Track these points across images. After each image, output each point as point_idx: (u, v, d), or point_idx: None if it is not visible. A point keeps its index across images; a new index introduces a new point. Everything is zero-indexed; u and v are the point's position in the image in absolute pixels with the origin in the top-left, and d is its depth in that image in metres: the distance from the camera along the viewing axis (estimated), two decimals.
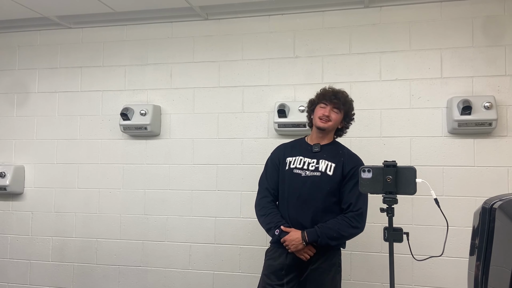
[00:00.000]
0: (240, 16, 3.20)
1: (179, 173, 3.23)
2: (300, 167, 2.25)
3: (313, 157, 2.26)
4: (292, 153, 2.32)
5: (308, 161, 2.25)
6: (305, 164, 2.25)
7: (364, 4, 2.99)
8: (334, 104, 2.24)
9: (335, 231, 2.14)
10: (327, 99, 2.25)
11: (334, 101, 2.24)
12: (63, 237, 3.39)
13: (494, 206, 1.36)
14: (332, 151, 2.27)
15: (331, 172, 2.21)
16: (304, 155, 2.28)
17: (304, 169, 2.24)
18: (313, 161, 2.24)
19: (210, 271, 3.14)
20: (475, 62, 2.85)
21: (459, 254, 2.71)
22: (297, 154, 2.29)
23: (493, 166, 2.78)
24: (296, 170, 2.25)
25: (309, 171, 2.23)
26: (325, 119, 2.24)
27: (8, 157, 3.53)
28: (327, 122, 2.24)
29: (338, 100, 2.24)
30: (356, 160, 2.26)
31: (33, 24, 3.48)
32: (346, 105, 2.28)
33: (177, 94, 3.29)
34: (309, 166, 2.24)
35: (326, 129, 2.26)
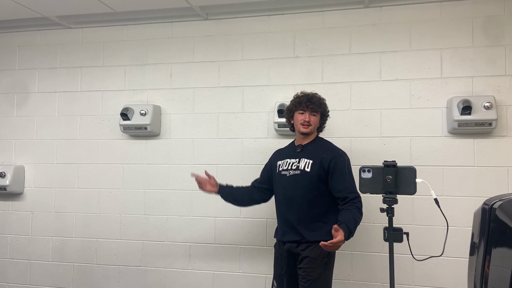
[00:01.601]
0: (240, 16, 3.20)
1: (179, 173, 3.23)
2: (286, 168, 2.43)
3: (296, 157, 2.43)
4: (281, 156, 2.52)
5: (292, 162, 2.42)
6: (289, 165, 2.42)
7: (364, 4, 2.99)
8: (311, 109, 2.41)
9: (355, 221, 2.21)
10: (303, 106, 2.42)
11: (311, 107, 2.41)
12: (63, 237, 3.39)
13: (494, 206, 1.37)
14: (312, 149, 2.43)
15: (309, 168, 2.35)
16: (290, 157, 2.46)
17: (288, 169, 2.41)
18: (296, 161, 2.41)
19: (210, 271, 3.14)
20: (475, 62, 2.85)
21: (459, 254, 2.71)
22: (285, 157, 2.49)
23: (493, 166, 2.78)
24: (283, 171, 2.44)
25: (292, 170, 2.40)
26: (306, 124, 2.41)
27: (8, 157, 3.53)
28: (308, 127, 2.42)
29: (314, 105, 2.42)
30: (334, 152, 2.39)
31: (33, 24, 3.48)
32: (321, 107, 2.47)
33: (177, 94, 3.29)
34: (292, 166, 2.41)
35: (309, 133, 2.44)
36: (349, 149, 2.94)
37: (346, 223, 2.16)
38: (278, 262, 2.45)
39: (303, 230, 2.32)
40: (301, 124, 2.41)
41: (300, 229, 2.32)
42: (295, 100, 2.48)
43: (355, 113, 2.99)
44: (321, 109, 2.46)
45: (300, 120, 2.42)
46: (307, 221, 2.33)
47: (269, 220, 3.06)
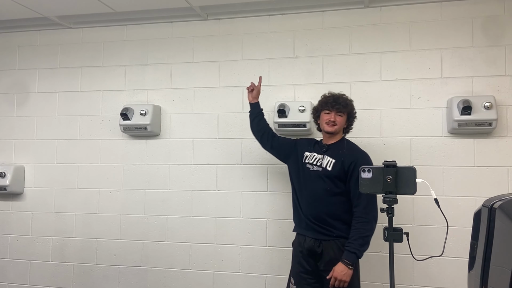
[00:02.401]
0: (240, 16, 3.20)
1: (179, 173, 3.23)
2: (311, 162, 2.47)
3: (322, 154, 2.47)
4: (310, 149, 2.55)
5: (318, 158, 2.47)
6: (315, 160, 2.47)
7: (364, 4, 2.99)
8: (337, 110, 2.45)
9: (361, 238, 2.28)
10: (329, 106, 2.46)
11: (337, 107, 2.45)
12: (63, 237, 3.39)
13: (494, 206, 1.36)
14: (336, 149, 2.46)
15: (331, 167, 2.39)
16: (317, 152, 2.50)
17: (312, 164, 2.46)
18: (320, 157, 2.46)
19: (210, 271, 3.14)
20: (475, 62, 2.85)
21: (459, 254, 2.71)
22: (313, 151, 2.53)
23: (493, 166, 2.78)
24: (308, 164, 2.48)
25: (316, 166, 2.45)
26: (331, 124, 2.45)
27: (8, 157, 3.53)
28: (333, 127, 2.45)
29: (339, 105, 2.45)
30: (356, 155, 2.42)
31: (33, 24, 3.48)
32: (347, 107, 2.49)
33: (177, 94, 3.29)
34: (316, 162, 2.46)
35: (334, 133, 2.47)
36: None
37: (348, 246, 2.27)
38: (297, 259, 2.46)
39: (323, 227, 2.36)
40: (326, 124, 2.46)
41: (320, 226, 2.36)
42: (321, 100, 2.54)
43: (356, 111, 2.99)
44: (347, 109, 2.49)
45: (326, 120, 2.47)
46: (327, 218, 2.36)
47: (269, 220, 3.06)
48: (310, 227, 2.40)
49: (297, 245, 2.48)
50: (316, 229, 2.38)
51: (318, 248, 2.36)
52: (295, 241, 2.53)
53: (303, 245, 2.42)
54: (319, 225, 2.37)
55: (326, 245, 2.35)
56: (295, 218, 2.57)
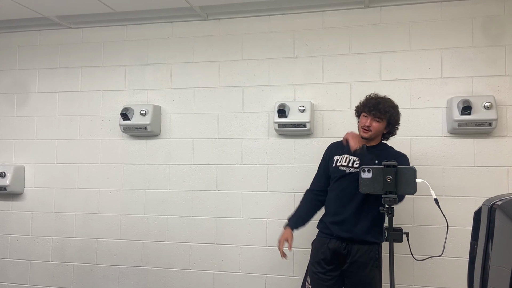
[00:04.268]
0: (240, 16, 3.20)
1: (179, 173, 3.23)
2: (346, 164, 2.40)
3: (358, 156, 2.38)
4: (339, 152, 2.46)
5: (353, 159, 2.38)
6: (350, 162, 2.39)
7: (364, 4, 2.99)
8: (373, 115, 2.34)
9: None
10: (367, 110, 2.36)
11: (373, 113, 2.33)
12: (63, 237, 3.39)
13: (494, 206, 1.36)
14: (374, 151, 2.37)
15: None
16: (350, 153, 2.39)
17: (349, 166, 2.38)
18: (357, 159, 2.36)
19: (210, 271, 3.14)
20: (475, 62, 2.85)
21: (459, 254, 2.71)
22: (344, 153, 2.43)
23: (493, 166, 2.78)
24: (342, 167, 2.40)
25: (353, 168, 2.35)
26: (366, 129, 2.37)
27: (8, 157, 3.53)
28: (367, 132, 2.36)
29: (377, 112, 2.33)
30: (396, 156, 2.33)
31: (33, 24, 3.48)
32: (387, 114, 2.35)
33: (177, 94, 3.29)
34: (353, 164, 2.37)
35: (368, 138, 2.39)
36: None
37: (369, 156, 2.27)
38: (316, 259, 2.40)
39: (354, 228, 2.30)
40: (361, 127, 2.38)
41: (351, 227, 2.30)
42: (364, 101, 2.43)
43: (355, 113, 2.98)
44: (387, 116, 2.36)
45: (362, 124, 2.39)
46: (360, 220, 2.30)
47: (269, 220, 3.06)
48: (339, 229, 2.34)
49: (319, 245, 2.41)
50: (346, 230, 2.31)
51: (344, 250, 2.31)
52: (316, 241, 2.47)
53: (327, 245, 2.36)
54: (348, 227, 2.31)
55: (353, 247, 2.30)
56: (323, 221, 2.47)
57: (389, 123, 2.40)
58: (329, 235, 2.38)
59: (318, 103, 3.04)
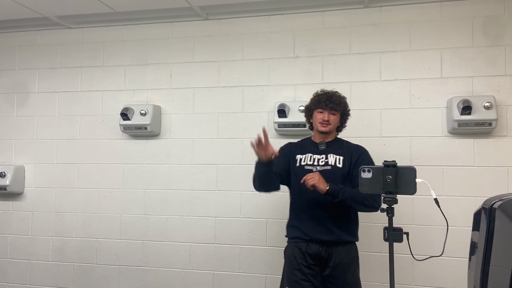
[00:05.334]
0: (240, 16, 3.20)
1: (179, 173, 3.23)
2: (311, 163, 2.36)
3: (321, 154, 2.38)
4: (301, 151, 2.43)
5: (317, 157, 2.37)
6: (315, 160, 2.36)
7: (364, 4, 2.99)
8: (330, 108, 2.37)
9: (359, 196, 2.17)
10: (322, 104, 2.37)
11: (330, 105, 2.36)
12: (63, 237, 3.39)
13: (494, 206, 1.36)
14: (337, 146, 2.41)
15: (341, 164, 2.33)
16: (312, 152, 2.39)
17: (314, 165, 2.35)
18: (321, 157, 2.36)
19: (210, 271, 3.14)
20: (475, 62, 2.85)
21: (459, 254, 2.71)
22: (306, 152, 2.41)
23: (493, 166, 2.78)
24: (308, 166, 2.36)
25: (320, 166, 2.34)
26: (325, 123, 2.36)
27: (8, 157, 3.53)
28: (327, 126, 2.37)
29: (333, 104, 2.36)
30: (360, 149, 2.41)
31: (33, 24, 3.48)
32: (341, 105, 2.41)
33: (177, 94, 3.29)
34: (319, 162, 2.35)
35: (328, 132, 2.39)
36: None
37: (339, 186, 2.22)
38: (293, 266, 2.30)
39: (335, 228, 2.25)
40: (320, 123, 2.37)
41: (332, 227, 2.25)
42: (314, 98, 2.44)
43: (355, 113, 2.97)
44: (341, 108, 2.40)
45: (319, 119, 2.38)
46: (339, 218, 2.27)
47: (269, 220, 3.06)
48: (317, 231, 2.27)
49: (295, 251, 2.31)
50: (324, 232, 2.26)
51: (324, 253, 2.26)
52: (290, 248, 2.37)
53: (306, 250, 2.28)
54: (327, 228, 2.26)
55: (334, 249, 2.25)
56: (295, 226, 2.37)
57: (343, 115, 2.44)
58: (305, 239, 2.29)
59: None
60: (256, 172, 2.36)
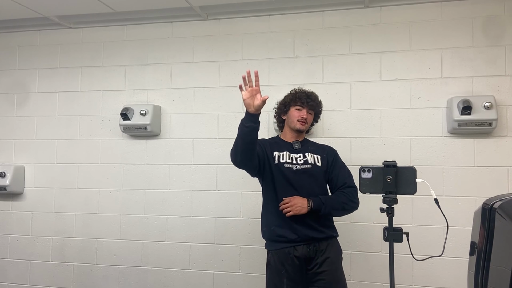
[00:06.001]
0: (240, 16, 3.20)
1: (179, 173, 3.23)
2: (290, 161, 2.30)
3: (297, 152, 2.33)
4: (278, 148, 2.35)
5: (295, 156, 2.31)
6: (293, 159, 2.30)
7: (364, 4, 2.99)
8: (309, 107, 2.34)
9: (338, 203, 2.25)
10: (304, 102, 2.32)
11: (310, 104, 2.33)
12: (63, 237, 3.39)
13: (494, 206, 1.37)
14: (312, 145, 2.40)
15: (320, 163, 2.32)
16: (289, 151, 2.34)
17: (293, 163, 2.29)
18: (299, 156, 2.31)
19: (210, 271, 3.14)
20: (475, 62, 2.85)
21: (459, 254, 2.71)
22: (283, 150, 2.34)
23: (493, 166, 2.78)
24: (287, 164, 2.29)
25: (299, 164, 2.29)
26: (303, 121, 2.33)
27: (8, 157, 3.53)
28: (304, 124, 2.34)
29: (313, 102, 2.35)
30: (333, 150, 2.44)
31: (33, 24, 3.48)
32: (319, 106, 2.41)
33: (177, 94, 3.29)
34: (297, 161, 2.30)
35: (303, 131, 2.37)
36: (349, 149, 2.95)
37: (322, 197, 2.23)
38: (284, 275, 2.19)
39: (317, 225, 2.22)
40: (298, 121, 2.33)
41: (314, 225, 2.21)
42: (293, 95, 2.38)
43: (355, 113, 2.99)
44: (318, 108, 2.41)
45: (298, 117, 2.33)
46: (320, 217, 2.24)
47: None
48: (302, 233, 2.19)
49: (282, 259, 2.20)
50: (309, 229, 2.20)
51: (312, 253, 2.21)
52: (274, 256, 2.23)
53: (293, 255, 2.19)
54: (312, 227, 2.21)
55: (320, 245, 2.22)
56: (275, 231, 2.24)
57: (316, 116, 2.42)
58: (291, 242, 2.20)
59: None
60: (239, 133, 2.09)
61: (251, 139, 2.09)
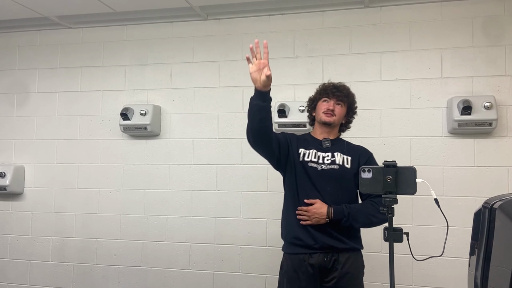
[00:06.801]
0: (240, 16, 3.20)
1: (179, 173, 3.23)
2: (315, 160, 2.11)
3: (326, 151, 2.13)
4: (305, 145, 2.16)
5: (322, 155, 2.12)
6: (320, 158, 2.11)
7: (364, 4, 2.99)
8: (337, 97, 2.14)
9: (365, 214, 2.06)
10: (329, 93, 2.14)
11: (337, 94, 2.13)
12: (63, 237, 3.39)
13: (494, 206, 1.37)
14: (344, 145, 2.19)
15: (349, 165, 2.12)
16: (316, 148, 2.14)
17: (319, 163, 2.10)
18: (327, 155, 2.12)
19: (210, 271, 3.14)
20: (475, 62, 2.85)
21: (459, 254, 2.71)
22: (310, 147, 2.15)
23: (493, 166, 2.78)
24: (311, 163, 2.10)
25: (325, 164, 2.10)
26: (330, 113, 2.13)
27: (8, 157, 3.53)
28: (332, 116, 2.13)
29: (340, 93, 2.14)
30: (368, 152, 2.22)
31: (33, 24, 3.48)
32: (349, 97, 2.18)
33: (177, 94, 3.29)
34: (324, 160, 2.11)
35: (332, 124, 2.15)
36: None
37: (347, 207, 2.04)
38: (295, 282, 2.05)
39: (339, 234, 2.04)
40: (324, 113, 2.13)
41: (335, 233, 2.03)
42: (320, 88, 2.21)
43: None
44: (348, 99, 2.17)
45: (324, 109, 2.13)
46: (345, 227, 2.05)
47: (269, 220, 3.06)
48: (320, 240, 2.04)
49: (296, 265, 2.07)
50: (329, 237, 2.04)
51: (328, 263, 2.03)
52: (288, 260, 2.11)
53: (308, 262, 2.05)
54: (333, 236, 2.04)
55: (340, 257, 2.04)
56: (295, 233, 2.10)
57: (349, 109, 2.21)
58: (307, 247, 2.05)
59: None
60: (248, 111, 1.98)
61: (260, 118, 1.95)
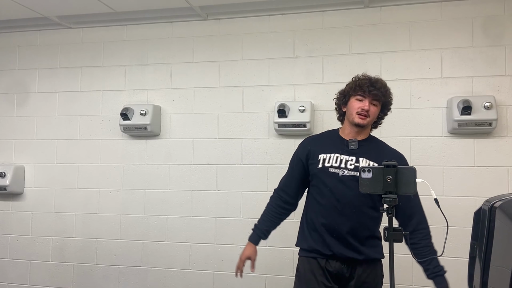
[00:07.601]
0: (240, 16, 3.20)
1: (179, 173, 3.23)
2: (337, 165, 1.96)
3: (351, 155, 1.97)
4: (325, 149, 2.01)
5: (346, 159, 1.96)
6: (342, 162, 1.96)
7: (364, 4, 2.99)
8: (373, 96, 1.94)
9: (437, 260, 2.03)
10: (365, 90, 1.93)
11: (374, 93, 1.93)
12: (63, 237, 3.39)
13: (494, 206, 1.36)
14: (372, 148, 2.02)
15: None
16: (339, 151, 1.99)
17: (341, 167, 1.95)
18: (351, 159, 1.96)
19: (210, 271, 3.14)
20: (475, 62, 2.85)
21: (459, 254, 2.71)
22: (332, 151, 1.99)
23: (493, 166, 2.78)
24: (333, 169, 1.96)
25: (348, 170, 1.95)
26: (364, 114, 1.94)
27: (8, 157, 3.53)
28: (365, 118, 1.95)
29: (377, 91, 1.94)
30: (401, 158, 2.04)
31: (33, 24, 3.48)
32: (386, 96, 1.99)
33: (177, 94, 3.29)
34: (347, 165, 1.95)
35: (365, 126, 1.99)
36: None
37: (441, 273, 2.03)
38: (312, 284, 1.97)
39: (358, 244, 1.95)
40: (358, 114, 1.94)
41: (354, 243, 1.95)
42: (354, 82, 1.99)
43: None
44: (385, 98, 1.98)
45: (357, 108, 1.94)
46: (363, 234, 1.96)
47: None
48: (337, 251, 1.95)
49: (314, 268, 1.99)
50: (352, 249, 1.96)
51: (346, 271, 1.96)
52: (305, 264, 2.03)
53: (325, 267, 1.97)
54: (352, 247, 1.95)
55: (358, 267, 1.96)
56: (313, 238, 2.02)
57: (384, 108, 2.02)
58: (324, 254, 1.97)
59: (318, 103, 3.04)
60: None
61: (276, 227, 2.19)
